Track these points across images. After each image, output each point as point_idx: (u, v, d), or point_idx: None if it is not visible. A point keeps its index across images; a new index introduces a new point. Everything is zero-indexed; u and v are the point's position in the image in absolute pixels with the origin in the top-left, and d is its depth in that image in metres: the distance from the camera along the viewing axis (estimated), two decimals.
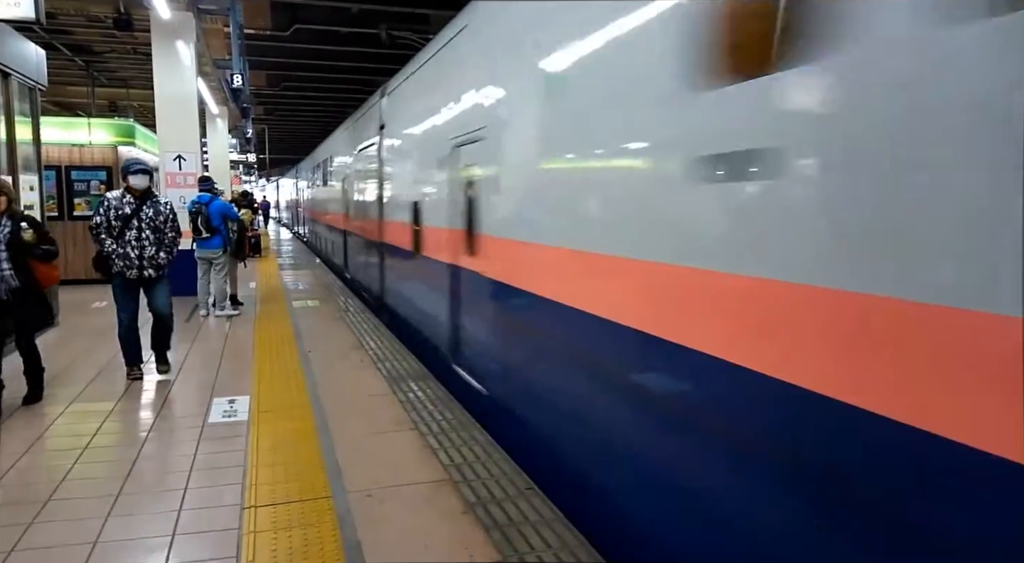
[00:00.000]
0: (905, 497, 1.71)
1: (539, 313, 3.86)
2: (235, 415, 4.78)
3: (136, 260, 5.46)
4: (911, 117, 1.66)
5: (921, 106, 1.64)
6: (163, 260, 5.59)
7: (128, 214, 5.45)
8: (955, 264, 1.58)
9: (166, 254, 5.62)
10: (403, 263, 7.65)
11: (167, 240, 5.62)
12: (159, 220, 5.56)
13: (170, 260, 5.66)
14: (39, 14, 6.28)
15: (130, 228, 5.44)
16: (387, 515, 3.27)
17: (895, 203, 1.70)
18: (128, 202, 5.47)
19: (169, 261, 5.65)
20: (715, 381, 2.37)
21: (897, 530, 1.74)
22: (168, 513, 3.31)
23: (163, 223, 5.59)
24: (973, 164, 1.53)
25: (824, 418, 1.91)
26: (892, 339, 1.71)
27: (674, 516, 2.68)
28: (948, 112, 1.58)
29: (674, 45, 2.52)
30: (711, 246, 2.37)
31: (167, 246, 5.63)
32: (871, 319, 1.75)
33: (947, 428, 1.57)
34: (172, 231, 5.67)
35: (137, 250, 5.45)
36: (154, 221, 5.53)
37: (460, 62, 5.51)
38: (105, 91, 18.15)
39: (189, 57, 10.18)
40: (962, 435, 1.54)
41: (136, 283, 5.56)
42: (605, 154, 3.18)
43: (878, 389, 1.74)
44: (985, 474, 1.51)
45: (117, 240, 5.42)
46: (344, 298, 10.35)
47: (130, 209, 5.46)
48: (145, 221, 5.48)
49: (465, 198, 5.15)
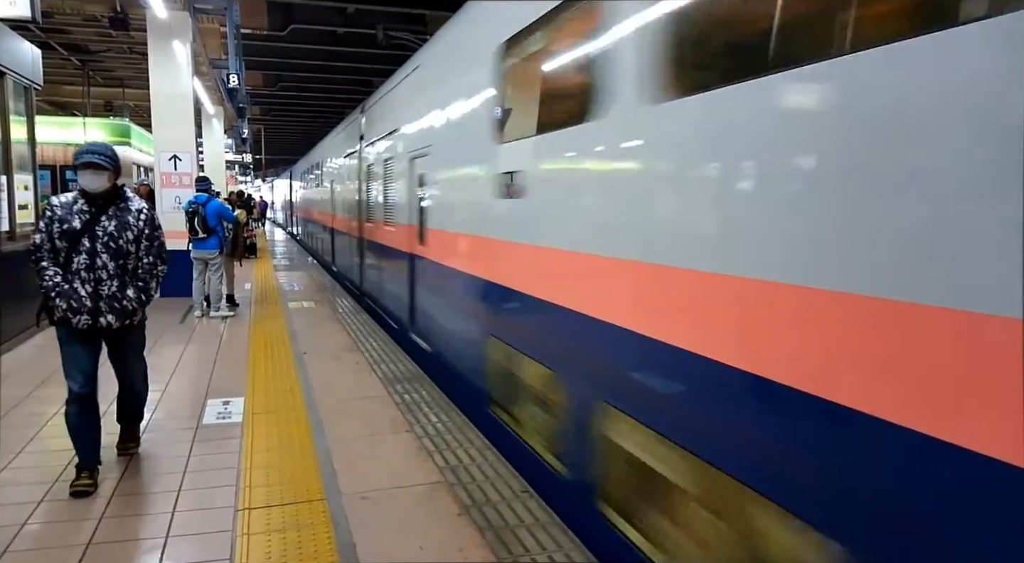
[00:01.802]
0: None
1: (449, 279, 5.74)
2: (229, 417, 4.77)
3: (88, 300, 3.50)
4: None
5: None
6: (131, 302, 3.63)
7: (77, 229, 3.52)
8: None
9: (137, 292, 3.66)
10: (375, 252, 9.49)
11: (141, 269, 3.69)
12: (125, 238, 3.60)
13: (144, 301, 3.73)
14: (35, 13, 6.27)
15: (79, 251, 3.51)
16: (382, 517, 3.27)
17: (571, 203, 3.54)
18: (80, 210, 3.57)
19: (143, 302, 3.73)
20: (480, 288, 4.88)
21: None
22: (162, 515, 3.30)
23: (131, 242, 3.63)
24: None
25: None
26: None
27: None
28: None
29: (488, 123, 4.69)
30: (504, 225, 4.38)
31: (141, 279, 3.69)
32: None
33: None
34: (149, 254, 3.72)
35: (90, 285, 3.52)
36: (116, 239, 3.57)
37: (413, 94, 7.20)
38: (101, 91, 18.11)
39: (185, 57, 10.16)
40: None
41: (90, 336, 3.62)
42: (470, 173, 5.18)
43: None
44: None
45: (63, 270, 3.53)
46: (339, 299, 10.34)
47: (81, 221, 3.54)
48: (102, 239, 3.54)
49: (417, 199, 6.78)
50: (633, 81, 2.81)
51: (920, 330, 1.64)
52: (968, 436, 1.53)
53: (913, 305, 1.65)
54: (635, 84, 2.80)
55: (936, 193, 1.61)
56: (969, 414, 1.55)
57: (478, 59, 4.81)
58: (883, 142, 1.74)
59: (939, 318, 1.59)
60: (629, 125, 2.86)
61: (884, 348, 1.72)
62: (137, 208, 3.73)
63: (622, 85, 2.88)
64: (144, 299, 3.72)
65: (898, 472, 1.69)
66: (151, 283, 3.75)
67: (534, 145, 3.96)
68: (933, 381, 1.62)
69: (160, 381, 5.75)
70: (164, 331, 7.88)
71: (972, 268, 1.52)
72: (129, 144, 13.90)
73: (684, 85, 2.55)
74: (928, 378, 1.63)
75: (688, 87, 2.52)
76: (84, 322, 3.53)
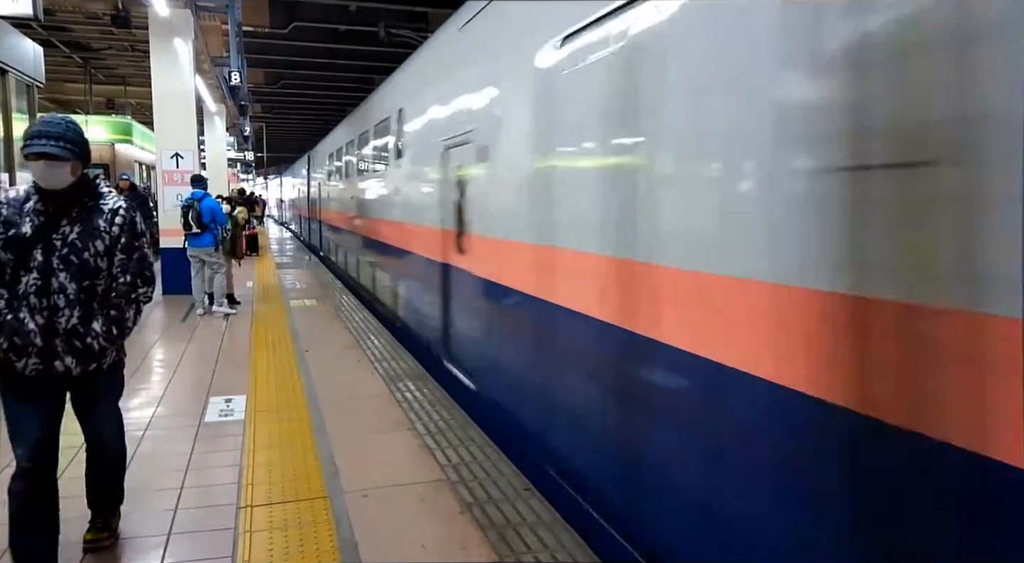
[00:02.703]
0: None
1: (396, 257, 7.89)
2: (232, 414, 4.77)
3: (38, 336, 2.53)
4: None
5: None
6: (99, 338, 2.63)
7: (27, 236, 2.54)
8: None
9: (107, 325, 2.64)
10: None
11: (115, 292, 2.68)
12: (93, 250, 2.61)
13: (117, 336, 2.69)
14: (37, 11, 6.27)
15: (28, 268, 2.54)
16: (384, 515, 3.27)
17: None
18: (33, 211, 2.59)
19: (114, 338, 2.68)
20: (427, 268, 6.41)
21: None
22: (164, 512, 3.30)
23: (101, 256, 2.63)
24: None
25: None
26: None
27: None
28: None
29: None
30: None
31: (113, 306, 2.68)
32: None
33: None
34: (127, 272, 2.70)
35: (42, 315, 2.54)
36: (80, 252, 2.59)
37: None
38: (103, 88, 18.13)
39: (187, 55, 10.16)
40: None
41: (43, 385, 2.62)
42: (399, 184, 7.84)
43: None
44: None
45: (7, 293, 2.55)
46: (341, 297, 10.35)
47: (32, 226, 2.56)
48: (60, 252, 2.57)
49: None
50: None
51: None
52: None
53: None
54: None
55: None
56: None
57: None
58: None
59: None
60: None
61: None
62: (111, 208, 2.66)
63: None
64: (116, 334, 2.66)
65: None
66: (127, 312, 2.68)
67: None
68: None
69: (162, 379, 5.76)
70: (166, 329, 7.91)
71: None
72: (131, 142, 13.92)
73: None
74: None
75: None
76: (33, 367, 2.54)
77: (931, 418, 1.61)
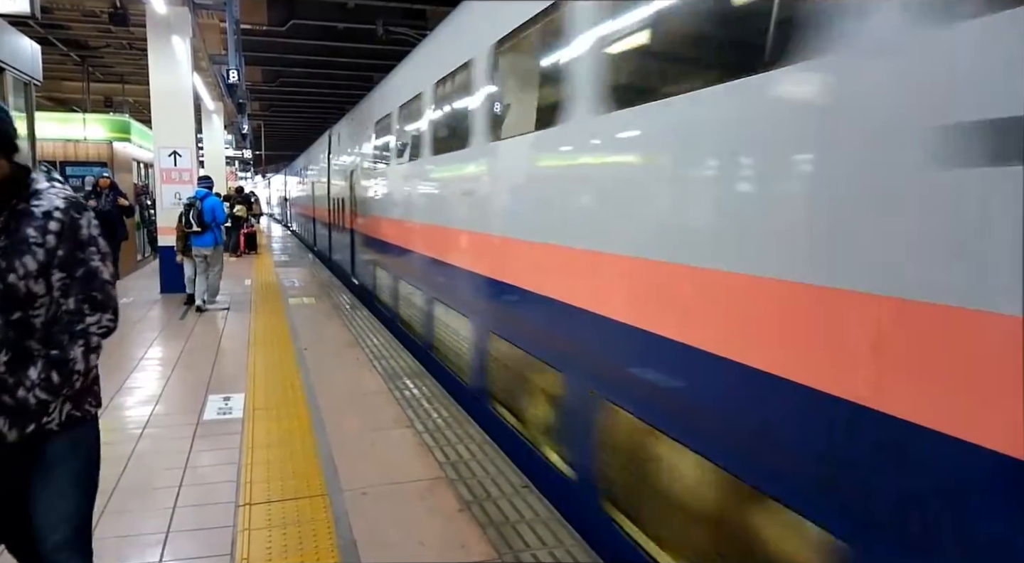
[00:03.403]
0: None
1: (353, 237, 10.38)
2: (230, 412, 4.77)
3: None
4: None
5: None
6: (35, 391, 1.76)
7: None
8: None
9: (47, 370, 1.78)
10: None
11: (58, 324, 1.84)
12: (21, 270, 1.75)
13: (62, 386, 1.80)
14: (34, 8, 6.26)
15: None
16: (383, 513, 3.27)
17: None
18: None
19: (57, 389, 1.80)
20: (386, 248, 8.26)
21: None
22: (163, 510, 3.30)
23: (32, 276, 1.77)
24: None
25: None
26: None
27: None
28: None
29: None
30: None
31: (55, 343, 1.82)
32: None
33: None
34: (70, 295, 1.83)
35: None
36: (4, 273, 1.74)
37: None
38: (101, 86, 18.09)
39: (185, 52, 10.14)
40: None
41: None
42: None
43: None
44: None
45: None
46: (339, 296, 10.35)
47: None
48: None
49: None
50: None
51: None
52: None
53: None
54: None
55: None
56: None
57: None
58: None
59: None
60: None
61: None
62: (45, 211, 1.83)
63: None
64: (59, 383, 1.79)
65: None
66: (70, 351, 1.81)
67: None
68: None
69: (161, 377, 5.76)
70: (164, 327, 7.90)
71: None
72: (129, 140, 13.89)
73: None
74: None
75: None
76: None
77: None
